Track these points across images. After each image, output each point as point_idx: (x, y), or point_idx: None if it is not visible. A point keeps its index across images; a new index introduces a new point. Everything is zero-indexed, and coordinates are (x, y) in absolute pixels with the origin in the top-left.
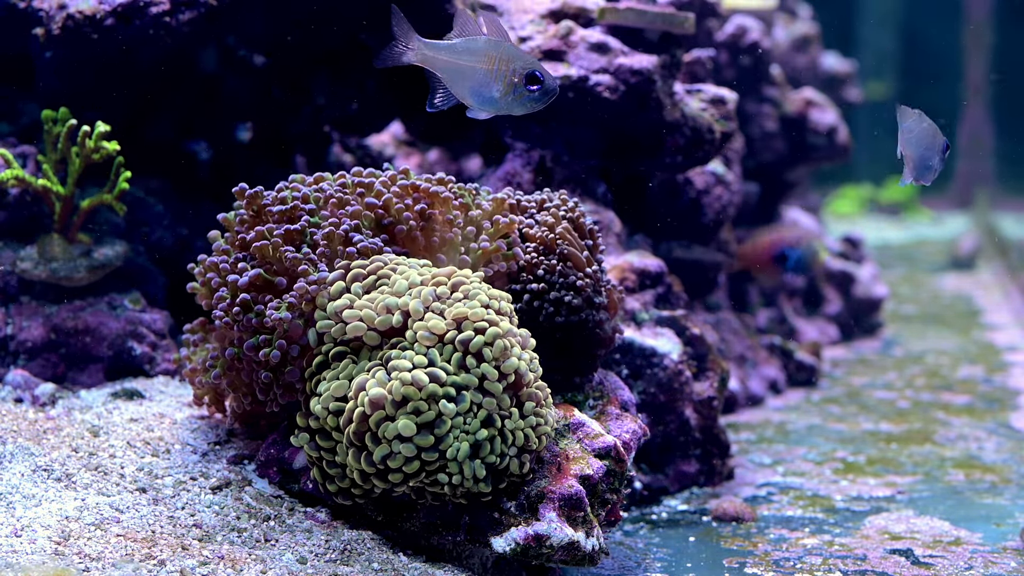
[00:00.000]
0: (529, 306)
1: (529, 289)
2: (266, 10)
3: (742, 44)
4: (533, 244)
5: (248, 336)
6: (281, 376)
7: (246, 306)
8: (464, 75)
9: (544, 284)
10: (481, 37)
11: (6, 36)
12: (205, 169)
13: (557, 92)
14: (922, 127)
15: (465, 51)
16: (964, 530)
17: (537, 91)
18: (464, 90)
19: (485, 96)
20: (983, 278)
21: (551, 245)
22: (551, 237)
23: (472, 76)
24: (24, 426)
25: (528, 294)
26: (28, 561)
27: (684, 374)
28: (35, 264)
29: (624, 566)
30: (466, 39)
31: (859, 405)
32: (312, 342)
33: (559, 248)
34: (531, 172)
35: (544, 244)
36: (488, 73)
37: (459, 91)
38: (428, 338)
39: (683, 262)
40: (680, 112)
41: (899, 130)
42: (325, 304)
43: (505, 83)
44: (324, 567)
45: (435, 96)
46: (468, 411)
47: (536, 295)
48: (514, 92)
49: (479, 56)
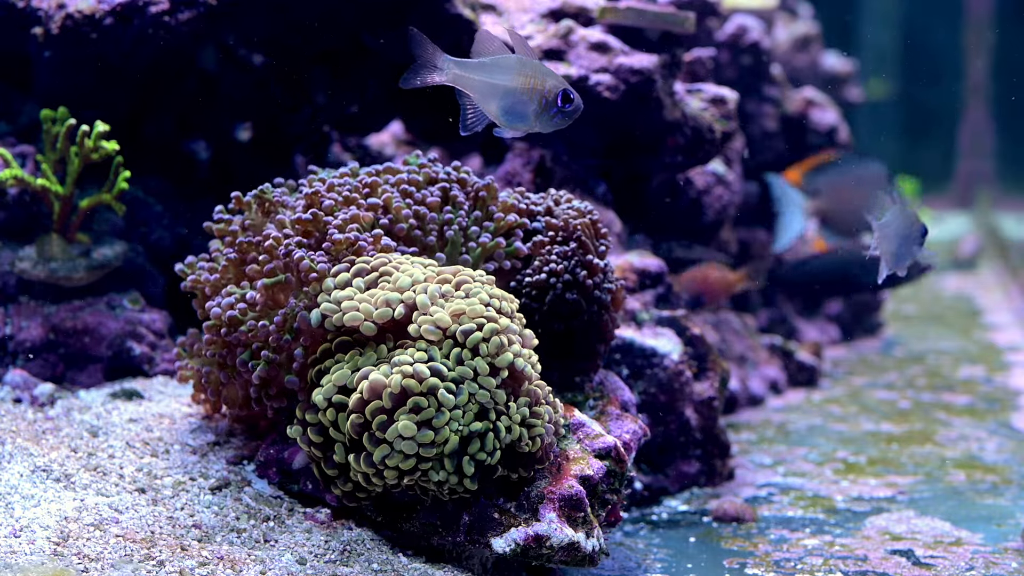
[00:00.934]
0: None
1: (546, 270)
2: (266, 10)
3: (742, 44)
4: (552, 232)
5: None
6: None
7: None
8: (497, 94)
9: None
10: (511, 55)
11: (5, 36)
12: (204, 169)
13: (582, 110)
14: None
15: (497, 69)
16: (965, 531)
17: (570, 109)
18: (496, 108)
19: (519, 114)
20: (984, 278)
21: (571, 231)
22: (574, 224)
23: (506, 95)
24: (23, 426)
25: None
26: (27, 561)
27: (684, 374)
28: (34, 264)
29: (624, 567)
30: (495, 57)
31: (860, 405)
32: (315, 322)
33: (576, 234)
34: (531, 172)
35: (565, 231)
36: (523, 91)
37: (491, 110)
38: (433, 332)
39: (683, 262)
40: (680, 112)
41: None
42: (330, 288)
43: (540, 102)
44: (324, 567)
45: (466, 117)
46: (466, 404)
47: (553, 273)
48: (548, 111)
49: (512, 74)
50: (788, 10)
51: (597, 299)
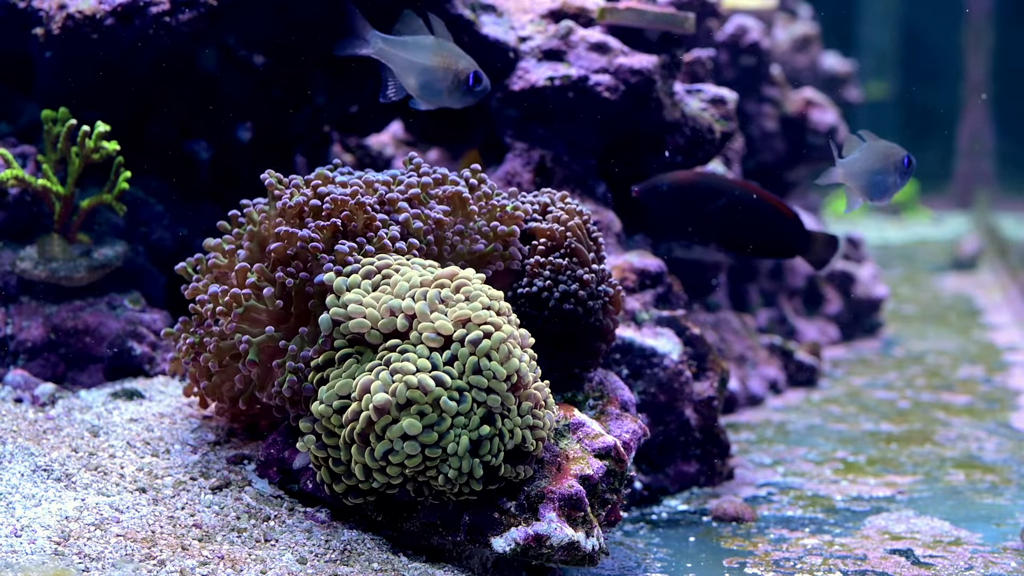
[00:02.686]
0: (536, 297)
1: (536, 284)
2: (266, 10)
3: (742, 44)
4: (544, 239)
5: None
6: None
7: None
8: (415, 71)
9: (552, 279)
10: (429, 36)
11: (6, 36)
12: (205, 169)
13: (490, 90)
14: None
15: (417, 48)
16: (964, 530)
17: (479, 89)
18: (413, 84)
19: (434, 90)
20: (983, 278)
21: (560, 240)
22: (561, 231)
23: (423, 73)
24: (24, 426)
25: (536, 287)
26: (28, 561)
27: (684, 374)
28: (35, 264)
29: (624, 566)
30: (416, 37)
31: (859, 405)
32: (325, 328)
33: (568, 243)
34: (531, 172)
35: (554, 239)
36: (438, 70)
37: (409, 84)
38: (434, 340)
39: (683, 262)
40: (680, 112)
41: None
42: (342, 289)
43: (452, 80)
44: (324, 567)
45: (387, 88)
46: (470, 410)
47: (546, 288)
48: (459, 89)
49: (429, 54)
50: (788, 11)
51: (593, 310)
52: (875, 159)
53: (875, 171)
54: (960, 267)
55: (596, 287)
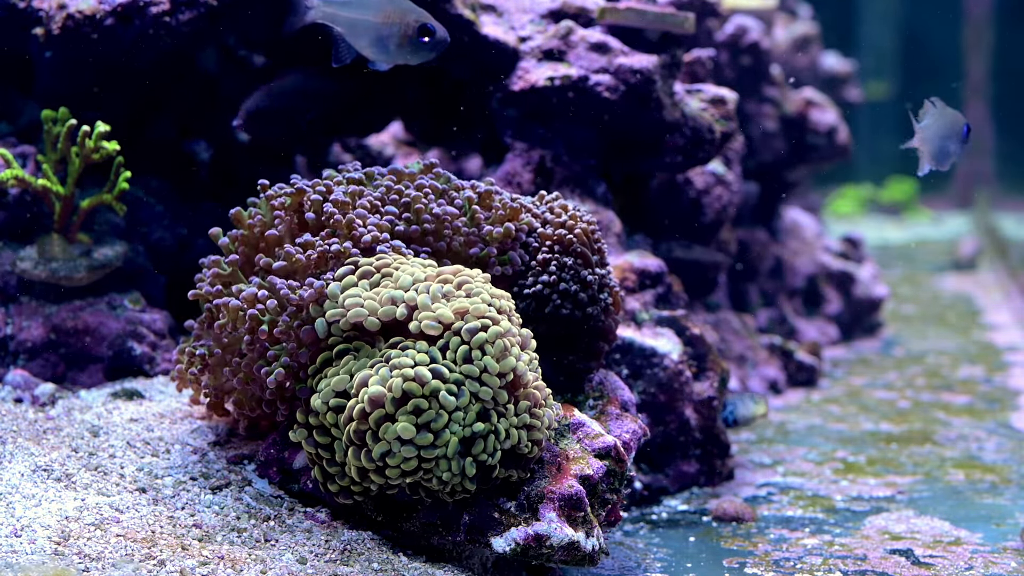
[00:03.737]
0: (538, 297)
1: (540, 281)
2: (266, 10)
3: (742, 44)
4: (548, 243)
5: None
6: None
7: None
8: (362, 29)
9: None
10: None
11: (6, 36)
12: (205, 169)
13: (448, 42)
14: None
15: (360, 6)
16: (964, 530)
17: (430, 42)
18: (363, 43)
19: (383, 48)
20: (983, 278)
21: (567, 245)
22: (568, 237)
23: (370, 30)
24: (24, 426)
25: (538, 287)
26: (28, 561)
27: (684, 374)
28: (35, 264)
29: (624, 566)
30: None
31: (859, 405)
32: (320, 332)
33: (573, 248)
34: (531, 172)
35: (560, 243)
36: (384, 26)
37: (359, 44)
38: (435, 328)
39: (683, 262)
40: (680, 112)
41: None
42: (336, 294)
43: (400, 35)
44: (324, 567)
45: (338, 50)
46: (468, 404)
47: (548, 285)
48: (409, 44)
49: (374, 10)
50: (788, 11)
51: (593, 312)
52: (943, 126)
53: (943, 136)
54: (960, 267)
55: (598, 291)
